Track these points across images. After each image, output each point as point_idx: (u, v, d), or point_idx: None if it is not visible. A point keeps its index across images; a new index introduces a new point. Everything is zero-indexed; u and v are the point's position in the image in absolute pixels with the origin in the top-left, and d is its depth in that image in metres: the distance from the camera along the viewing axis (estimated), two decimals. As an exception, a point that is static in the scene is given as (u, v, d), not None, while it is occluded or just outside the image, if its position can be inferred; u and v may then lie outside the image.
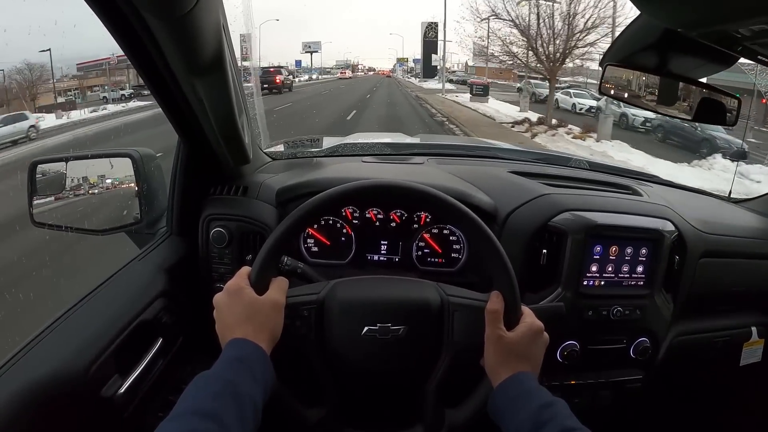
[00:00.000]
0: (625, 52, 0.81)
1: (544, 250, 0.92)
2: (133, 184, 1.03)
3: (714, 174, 7.52)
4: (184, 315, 0.93)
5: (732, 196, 1.33)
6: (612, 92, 0.89)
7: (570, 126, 11.23)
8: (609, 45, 0.83)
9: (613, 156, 8.29)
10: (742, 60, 0.72)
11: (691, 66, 0.81)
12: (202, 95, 0.75)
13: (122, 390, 0.74)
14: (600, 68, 0.86)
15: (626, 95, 0.88)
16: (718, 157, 8.52)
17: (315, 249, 0.99)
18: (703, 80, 0.85)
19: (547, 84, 12.59)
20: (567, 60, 11.45)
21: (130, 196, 1.03)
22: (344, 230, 0.98)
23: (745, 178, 5.63)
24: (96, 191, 1.07)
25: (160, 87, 0.77)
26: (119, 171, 1.04)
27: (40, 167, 1.05)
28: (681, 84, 0.85)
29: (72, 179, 1.07)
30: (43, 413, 0.64)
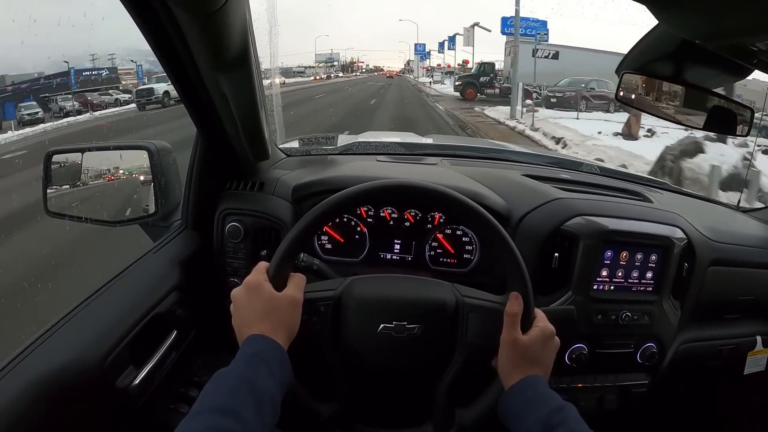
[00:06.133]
0: (641, 60, 0.82)
1: (556, 254, 0.92)
2: (142, 176, 1.04)
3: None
4: (198, 308, 0.94)
5: (741, 205, 1.34)
6: (622, 94, 0.89)
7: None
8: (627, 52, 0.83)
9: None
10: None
11: (705, 76, 0.81)
12: (226, 91, 0.76)
13: (136, 381, 0.75)
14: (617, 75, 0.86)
15: (635, 100, 0.89)
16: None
17: (329, 246, 1.00)
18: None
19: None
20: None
21: (146, 189, 1.04)
22: (358, 228, 0.99)
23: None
24: (112, 183, 1.09)
25: (184, 81, 0.78)
26: (136, 163, 1.05)
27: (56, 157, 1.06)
28: (694, 93, 0.86)
29: (87, 170, 1.08)
30: (59, 403, 0.65)
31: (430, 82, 33.10)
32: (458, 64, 30.46)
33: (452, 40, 30.72)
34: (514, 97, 13.10)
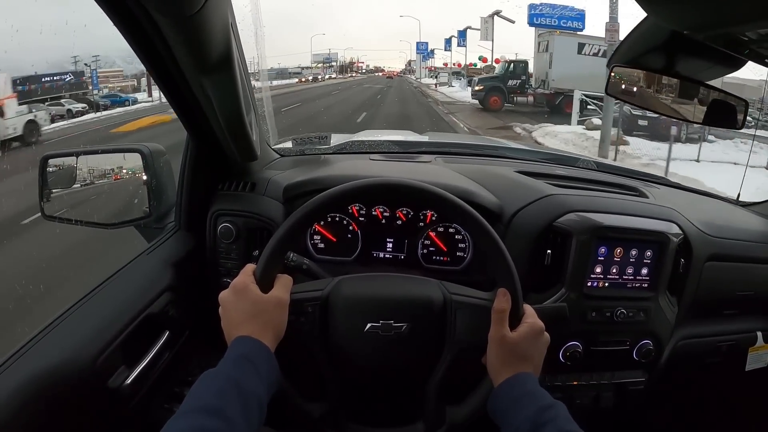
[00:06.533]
0: (632, 53, 0.81)
1: (549, 251, 0.91)
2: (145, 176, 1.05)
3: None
4: (191, 309, 0.94)
5: (740, 199, 1.32)
6: (624, 86, 0.88)
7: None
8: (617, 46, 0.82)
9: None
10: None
11: (698, 68, 0.80)
12: (210, 93, 0.76)
13: (128, 381, 0.76)
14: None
15: (635, 93, 0.88)
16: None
17: (321, 245, 1.00)
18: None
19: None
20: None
21: (141, 191, 1.04)
22: (350, 227, 0.99)
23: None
24: (105, 186, 1.09)
25: (170, 85, 0.78)
26: (129, 166, 1.06)
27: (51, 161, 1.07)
28: (688, 86, 0.84)
29: (82, 173, 1.09)
30: (51, 402, 0.65)
31: (436, 84, 28.37)
32: (470, 64, 26.36)
33: (462, 34, 25.96)
34: (606, 124, 7.69)
